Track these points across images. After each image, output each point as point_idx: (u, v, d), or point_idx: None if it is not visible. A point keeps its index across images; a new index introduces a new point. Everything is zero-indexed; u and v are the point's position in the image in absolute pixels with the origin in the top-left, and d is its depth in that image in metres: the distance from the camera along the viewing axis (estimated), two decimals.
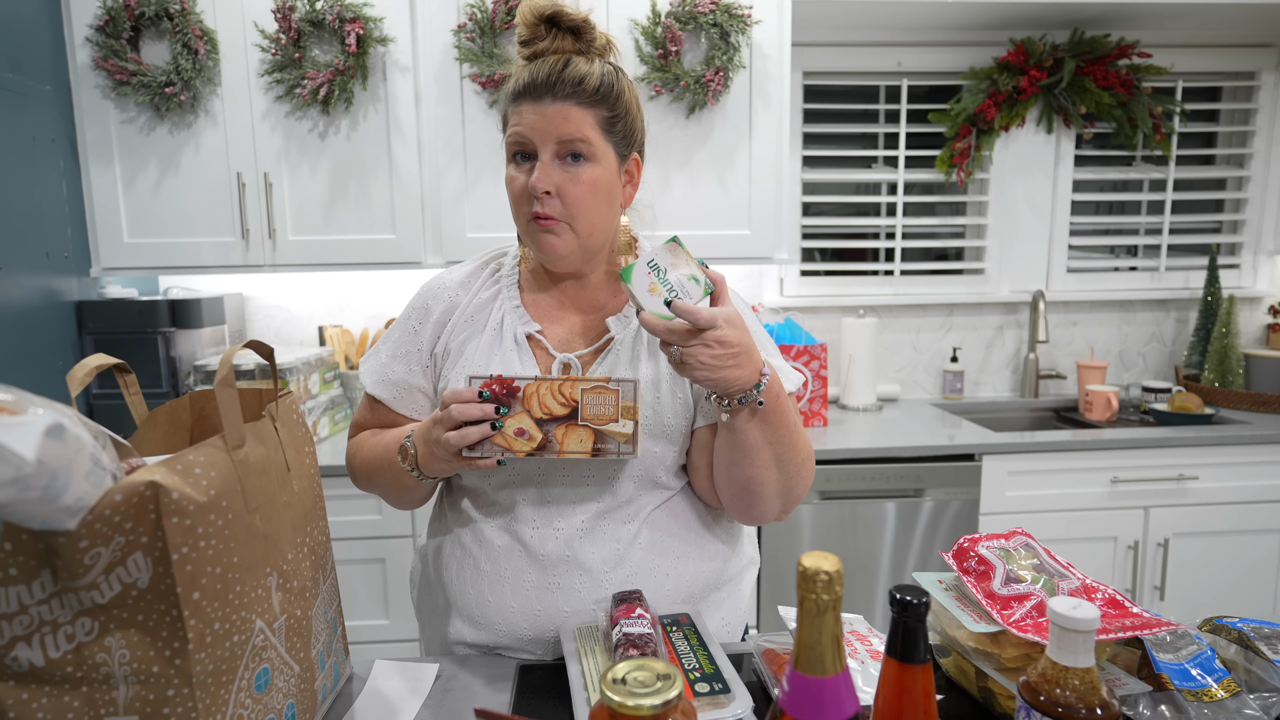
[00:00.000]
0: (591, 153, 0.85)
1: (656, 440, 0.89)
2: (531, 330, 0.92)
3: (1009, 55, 2.32)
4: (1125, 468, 1.97)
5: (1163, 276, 2.53)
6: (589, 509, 0.89)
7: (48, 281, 1.83)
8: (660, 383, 0.90)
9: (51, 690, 0.56)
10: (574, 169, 0.85)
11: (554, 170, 0.85)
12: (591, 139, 0.85)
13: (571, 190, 0.85)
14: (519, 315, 0.94)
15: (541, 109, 0.84)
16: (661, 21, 1.91)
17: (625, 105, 0.88)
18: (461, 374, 0.92)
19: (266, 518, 0.67)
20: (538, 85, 0.84)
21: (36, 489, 0.45)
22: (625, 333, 0.92)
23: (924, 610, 0.50)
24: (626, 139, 0.89)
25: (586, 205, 0.86)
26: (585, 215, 0.86)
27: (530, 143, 0.85)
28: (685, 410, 0.91)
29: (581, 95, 0.84)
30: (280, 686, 0.67)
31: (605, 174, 0.87)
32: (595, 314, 0.95)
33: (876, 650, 0.78)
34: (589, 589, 0.88)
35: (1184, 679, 0.69)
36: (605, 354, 0.91)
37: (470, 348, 0.93)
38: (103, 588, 0.55)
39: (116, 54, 1.85)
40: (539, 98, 0.84)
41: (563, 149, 0.85)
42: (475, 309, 0.95)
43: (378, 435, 0.97)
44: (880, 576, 1.96)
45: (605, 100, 0.86)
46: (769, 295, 2.42)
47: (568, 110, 0.84)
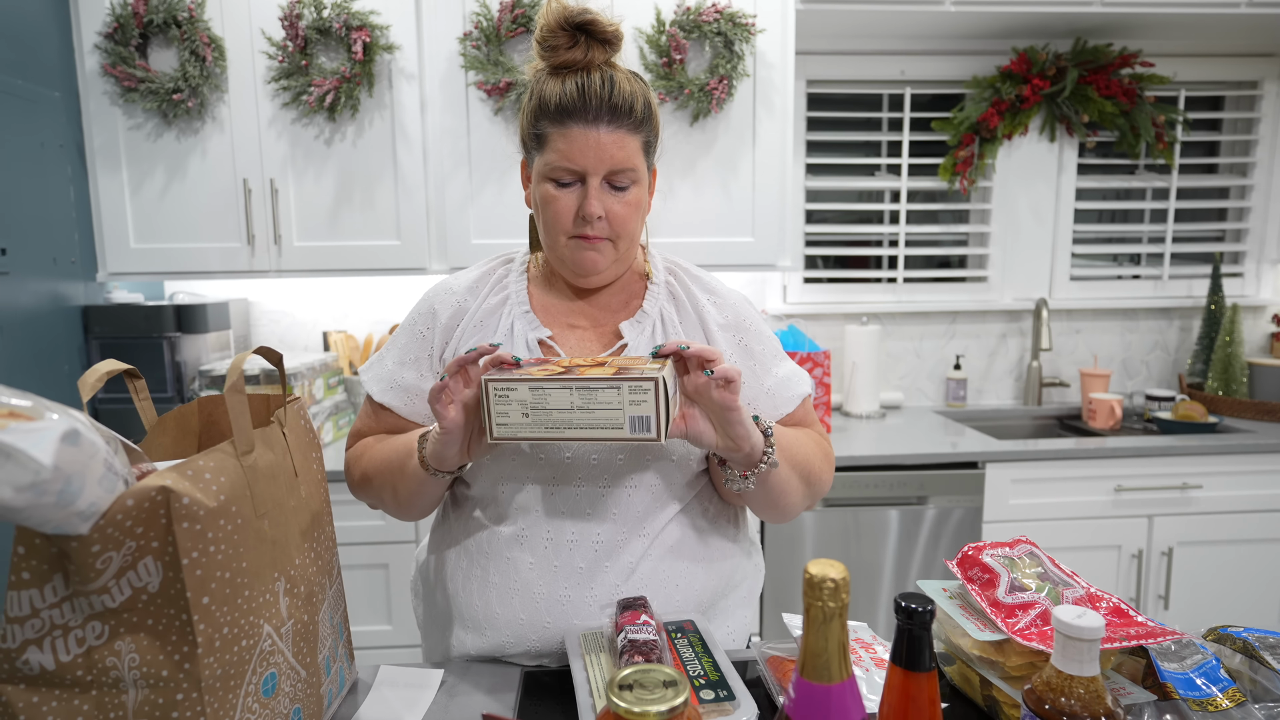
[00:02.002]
0: (637, 177, 0.86)
1: (675, 449, 0.89)
2: (543, 336, 0.92)
3: (1012, 64, 2.33)
4: (1129, 476, 1.97)
5: (1166, 285, 2.53)
6: (603, 524, 0.88)
7: (55, 286, 1.84)
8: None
9: (62, 694, 0.56)
10: (622, 194, 0.86)
11: (604, 195, 0.85)
12: (638, 164, 0.86)
13: (619, 212, 0.86)
14: (529, 321, 0.93)
15: (594, 134, 0.83)
16: (666, 30, 1.92)
17: (657, 124, 0.89)
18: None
19: (275, 523, 0.67)
20: (590, 108, 0.82)
21: (52, 494, 0.45)
22: (639, 338, 0.92)
23: (929, 618, 0.51)
24: (652, 152, 0.91)
25: (630, 224, 0.87)
26: (627, 234, 0.88)
27: (582, 168, 0.84)
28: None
29: (632, 122, 0.84)
30: (287, 691, 0.67)
31: (644, 191, 0.89)
32: (607, 319, 0.94)
33: (881, 658, 0.78)
34: (601, 601, 0.87)
35: (1189, 688, 0.69)
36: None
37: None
38: (113, 592, 0.55)
39: (125, 61, 1.86)
40: (592, 122, 0.82)
41: (615, 175, 0.85)
42: (484, 315, 0.94)
43: (384, 441, 0.96)
44: (883, 584, 1.96)
45: (648, 122, 0.87)
46: (772, 302, 2.43)
47: (622, 139, 0.84)
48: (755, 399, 0.94)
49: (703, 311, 0.94)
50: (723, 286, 0.98)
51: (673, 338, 0.92)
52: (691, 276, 0.97)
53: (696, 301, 0.95)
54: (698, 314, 0.94)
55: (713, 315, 0.94)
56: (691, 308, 0.94)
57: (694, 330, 0.93)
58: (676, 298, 0.95)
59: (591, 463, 0.88)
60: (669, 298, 0.95)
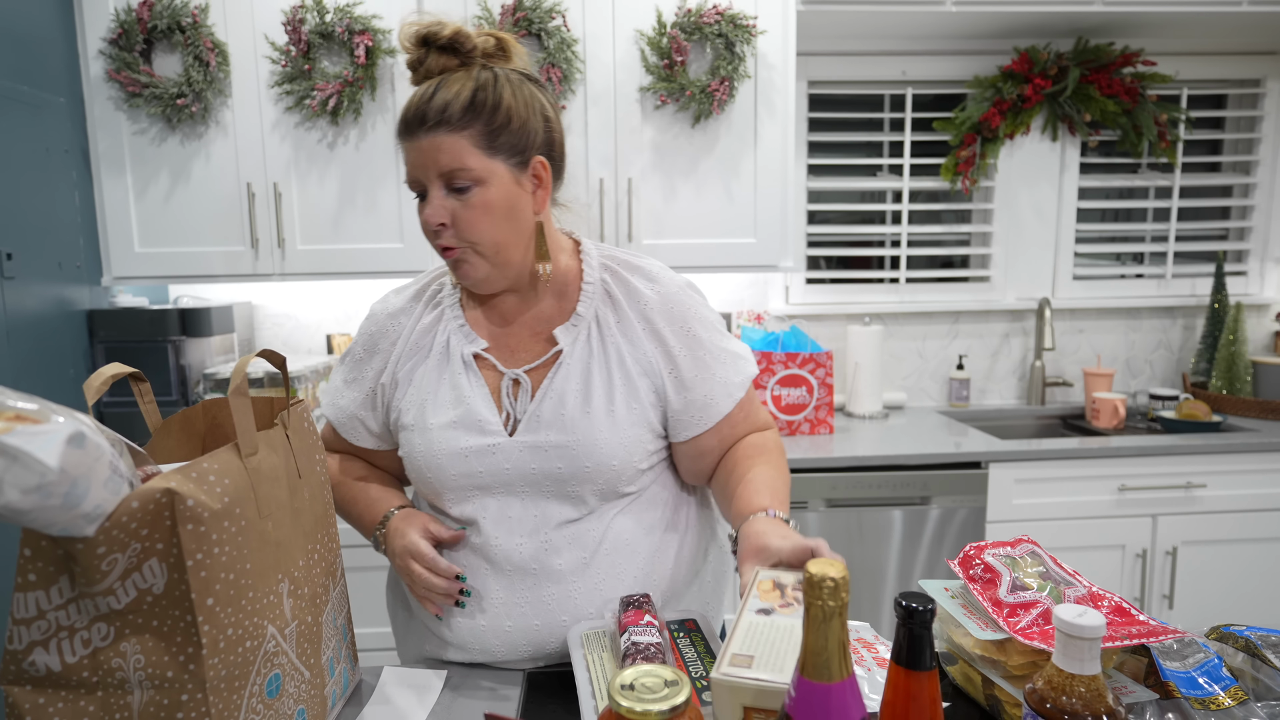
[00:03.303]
0: (476, 176, 0.82)
1: (615, 455, 0.88)
2: (478, 349, 0.91)
3: (1013, 64, 2.33)
4: (1133, 475, 1.96)
5: (1169, 284, 2.53)
6: (551, 521, 0.89)
7: (60, 290, 1.85)
8: (615, 396, 0.89)
9: (68, 695, 0.57)
10: (464, 196, 0.83)
11: (445, 201, 0.83)
12: (471, 164, 0.82)
13: (465, 217, 0.83)
14: (465, 334, 0.92)
15: (417, 145, 0.83)
16: (667, 32, 1.92)
17: (508, 113, 0.84)
18: (413, 402, 0.91)
19: (278, 525, 0.68)
20: (408, 121, 0.83)
21: (58, 496, 0.46)
22: (575, 344, 0.90)
23: (929, 617, 0.51)
24: (518, 147, 0.85)
25: (482, 229, 0.84)
26: (486, 239, 0.84)
27: (418, 181, 0.84)
28: (646, 426, 0.90)
29: (450, 120, 0.81)
30: (291, 692, 0.68)
31: (499, 192, 0.84)
32: (541, 325, 0.93)
33: (883, 658, 0.78)
34: (557, 600, 0.88)
35: (1191, 687, 0.69)
36: (556, 367, 0.90)
37: (419, 374, 0.92)
38: (119, 593, 0.55)
39: (129, 66, 1.87)
40: (412, 134, 0.83)
41: (446, 180, 0.83)
42: (419, 335, 0.94)
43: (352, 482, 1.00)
44: (886, 584, 1.96)
45: (480, 115, 0.82)
46: (774, 303, 2.43)
47: (439, 141, 0.82)
48: (710, 390, 0.92)
49: (644, 309, 0.91)
50: (664, 273, 0.95)
51: (609, 344, 0.90)
52: (630, 268, 0.94)
53: (636, 297, 0.91)
54: (638, 312, 0.91)
55: (656, 309, 0.91)
56: (630, 306, 0.91)
57: (634, 331, 0.91)
58: (613, 297, 0.92)
59: (530, 471, 0.88)
60: (604, 298, 0.92)
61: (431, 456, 0.89)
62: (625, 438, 0.88)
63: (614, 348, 0.90)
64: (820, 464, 1.90)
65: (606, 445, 0.87)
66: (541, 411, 0.88)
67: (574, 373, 0.89)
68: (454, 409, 0.89)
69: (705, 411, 0.92)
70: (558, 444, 0.87)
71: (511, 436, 0.88)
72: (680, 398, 0.91)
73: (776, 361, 2.08)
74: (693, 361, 0.91)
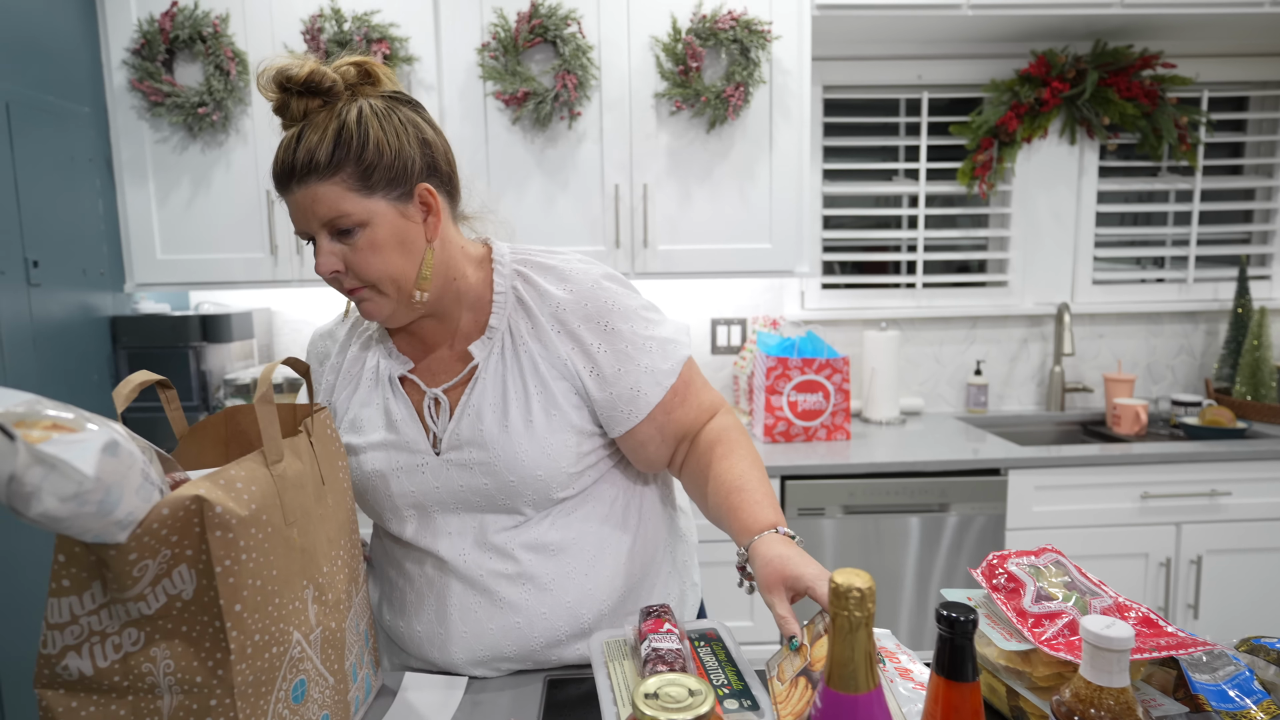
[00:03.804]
0: (355, 220, 0.80)
1: (539, 465, 0.87)
2: (404, 370, 0.92)
3: (1030, 67, 2.32)
4: (1156, 483, 1.94)
5: (1191, 288, 2.50)
6: (490, 529, 0.89)
7: (84, 297, 1.87)
8: (532, 406, 0.87)
9: (99, 699, 0.57)
10: (350, 240, 0.81)
11: (333, 248, 0.82)
12: (347, 209, 0.79)
13: (355, 260, 0.81)
14: (389, 355, 0.93)
15: (293, 198, 0.81)
16: (682, 38, 1.93)
17: (377, 148, 0.80)
18: (346, 428, 0.93)
19: (303, 531, 0.68)
20: (278, 175, 0.81)
21: (92, 503, 0.46)
22: (489, 358, 0.89)
23: (971, 628, 0.50)
24: (395, 180, 0.81)
25: (375, 268, 0.82)
26: (382, 276, 0.82)
27: (304, 231, 0.83)
28: (570, 430, 0.88)
29: (318, 169, 0.78)
30: (316, 697, 0.68)
31: (386, 229, 0.81)
32: (460, 343, 0.92)
33: (906, 668, 0.77)
34: (510, 605, 0.89)
35: (1221, 700, 0.68)
36: (473, 383, 0.89)
37: (354, 401, 0.93)
38: (149, 599, 0.56)
39: (152, 76, 1.90)
40: (286, 187, 0.81)
41: (329, 227, 0.81)
42: (349, 364, 0.95)
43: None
44: (904, 592, 1.94)
45: (348, 158, 0.79)
46: (790, 309, 2.42)
47: (312, 191, 0.79)
48: (636, 381, 0.88)
49: (556, 310, 0.88)
50: (577, 269, 0.91)
51: (522, 353, 0.89)
52: (542, 269, 0.91)
53: (547, 299, 0.89)
54: (550, 315, 0.88)
55: (569, 309, 0.88)
56: (541, 311, 0.89)
57: (547, 335, 0.88)
58: (525, 304, 0.89)
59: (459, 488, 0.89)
60: (517, 306, 0.90)
61: (365, 478, 0.90)
62: (547, 446, 0.87)
63: (527, 356, 0.88)
64: (837, 470, 1.89)
65: (528, 457, 0.86)
66: (460, 430, 0.88)
67: (489, 387, 0.88)
68: (384, 430, 0.91)
69: (634, 404, 0.89)
70: (480, 461, 0.87)
71: (438, 455, 0.89)
72: (605, 394, 0.88)
73: (792, 367, 2.08)
74: (613, 355, 0.88)
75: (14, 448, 0.41)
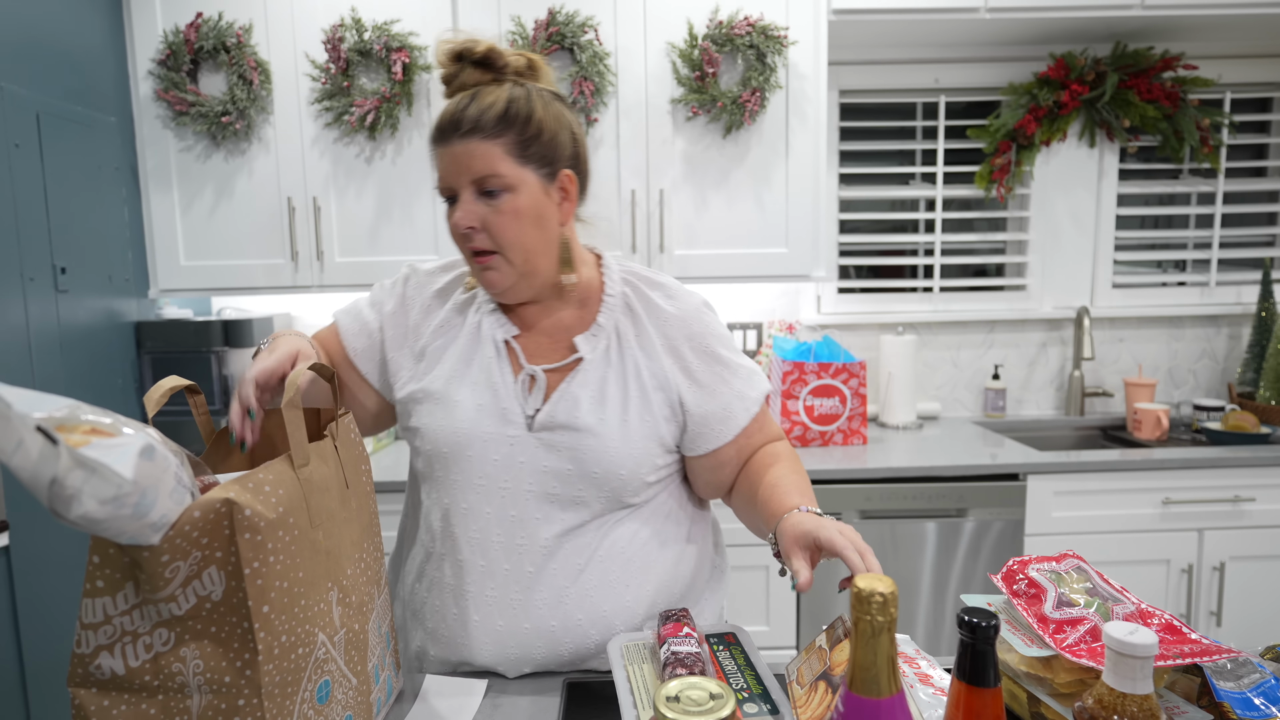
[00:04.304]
0: (507, 183, 0.85)
1: (624, 464, 0.89)
2: (509, 335, 0.93)
3: (1049, 70, 2.30)
4: (1177, 489, 1.92)
5: (1213, 291, 2.47)
6: (552, 525, 0.89)
7: (109, 303, 1.91)
8: (629, 407, 0.90)
9: (130, 698, 0.59)
10: (494, 202, 0.85)
11: (475, 206, 0.86)
12: (502, 170, 0.85)
13: (495, 222, 0.85)
14: (497, 320, 0.94)
15: (450, 150, 0.85)
16: (698, 44, 1.94)
17: (539, 125, 0.87)
18: (440, 376, 0.92)
19: (328, 534, 0.69)
20: (443, 128, 0.86)
21: (129, 506, 0.47)
22: (594, 353, 0.92)
23: (993, 633, 0.50)
24: (548, 159, 0.88)
25: (513, 234, 0.86)
26: (515, 244, 0.87)
27: (450, 185, 0.87)
28: (656, 440, 0.92)
29: (484, 128, 0.84)
30: (340, 698, 0.69)
31: (527, 199, 0.86)
32: (562, 333, 0.95)
33: (925, 674, 0.77)
34: (549, 604, 0.89)
35: (1247, 708, 0.68)
36: (574, 373, 0.91)
37: (448, 354, 0.93)
38: (180, 600, 0.57)
39: (176, 86, 1.94)
40: (446, 140, 0.86)
41: (479, 185, 0.85)
42: (449, 312, 0.95)
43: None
44: (921, 597, 1.93)
45: (513, 125, 0.85)
46: (806, 313, 2.42)
47: (472, 147, 0.84)
48: (728, 403, 0.94)
49: (663, 325, 0.94)
50: (683, 290, 0.98)
51: (627, 356, 0.92)
52: (650, 284, 0.97)
53: (656, 313, 0.94)
54: (657, 328, 0.94)
55: (675, 325, 0.94)
56: (649, 321, 0.94)
57: (653, 346, 0.93)
58: (633, 311, 0.95)
59: (542, 469, 0.89)
60: (625, 311, 0.95)
61: (455, 433, 0.89)
62: (636, 449, 0.90)
63: (632, 361, 0.92)
64: (853, 475, 1.88)
65: (617, 453, 0.89)
66: (556, 412, 0.89)
67: (590, 380, 0.91)
68: (483, 392, 0.91)
69: (724, 424, 0.94)
70: (569, 445, 0.88)
71: (530, 432, 0.90)
72: (700, 411, 0.93)
73: (809, 372, 2.08)
74: (711, 376, 0.94)
75: (56, 451, 0.42)
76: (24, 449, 0.41)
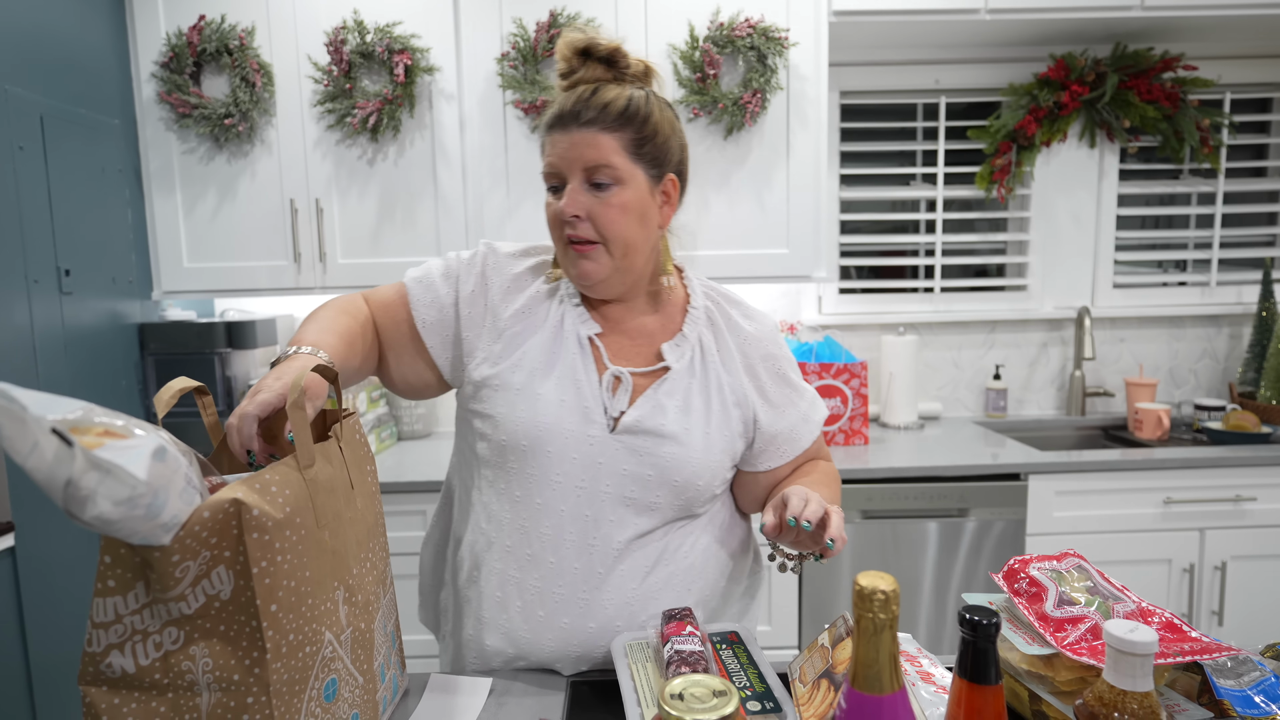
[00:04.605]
0: (618, 176, 0.87)
1: (701, 474, 0.91)
2: (592, 333, 0.93)
3: (1049, 71, 2.31)
4: (1179, 488, 1.92)
5: (1214, 291, 2.47)
6: (624, 529, 0.90)
7: (113, 305, 1.91)
8: (711, 419, 0.92)
9: (141, 696, 0.59)
10: (603, 194, 0.87)
11: (583, 195, 0.87)
12: (617, 164, 0.86)
13: (602, 213, 0.87)
14: (580, 315, 0.94)
15: (569, 137, 0.87)
16: (699, 46, 1.94)
17: (655, 127, 0.89)
18: (520, 366, 0.90)
19: (334, 534, 0.70)
20: (565, 115, 0.87)
21: (142, 507, 0.48)
22: (680, 363, 0.93)
23: (994, 631, 0.51)
24: (658, 160, 0.90)
25: (617, 227, 0.87)
26: (618, 237, 0.88)
27: (560, 171, 0.88)
28: (730, 454, 0.94)
29: (606, 120, 0.86)
30: (346, 697, 0.70)
31: (635, 196, 0.88)
32: (644, 338, 0.96)
33: (927, 672, 0.78)
34: (615, 606, 0.89)
35: (1247, 706, 0.68)
36: (662, 380, 0.92)
37: (530, 344, 0.92)
38: (189, 599, 0.58)
39: (179, 88, 1.94)
40: (566, 126, 0.87)
41: (590, 175, 0.87)
42: (531, 300, 0.95)
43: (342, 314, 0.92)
44: (922, 597, 1.94)
45: (631, 123, 0.87)
46: (807, 314, 2.42)
47: (592, 137, 0.86)
48: (795, 425, 0.98)
49: (743, 343, 0.97)
50: (760, 311, 1.02)
51: (710, 369, 0.94)
52: (730, 301, 1.01)
53: (735, 329, 0.98)
54: (737, 345, 0.97)
55: (753, 345, 0.97)
56: (730, 337, 0.97)
57: (731, 359, 0.96)
58: (715, 324, 0.98)
59: (622, 472, 0.89)
60: (708, 323, 0.97)
61: (536, 426, 0.88)
62: (714, 461, 0.92)
63: (714, 374, 0.94)
64: (855, 475, 1.89)
65: (699, 464, 0.90)
66: (643, 417, 0.90)
67: (677, 389, 0.92)
68: (567, 388, 0.90)
69: (790, 444, 0.98)
70: (652, 451, 0.89)
71: (611, 433, 0.90)
72: (771, 430, 0.96)
73: (810, 372, 2.08)
74: (782, 397, 0.98)
75: (72, 453, 0.43)
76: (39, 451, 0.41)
